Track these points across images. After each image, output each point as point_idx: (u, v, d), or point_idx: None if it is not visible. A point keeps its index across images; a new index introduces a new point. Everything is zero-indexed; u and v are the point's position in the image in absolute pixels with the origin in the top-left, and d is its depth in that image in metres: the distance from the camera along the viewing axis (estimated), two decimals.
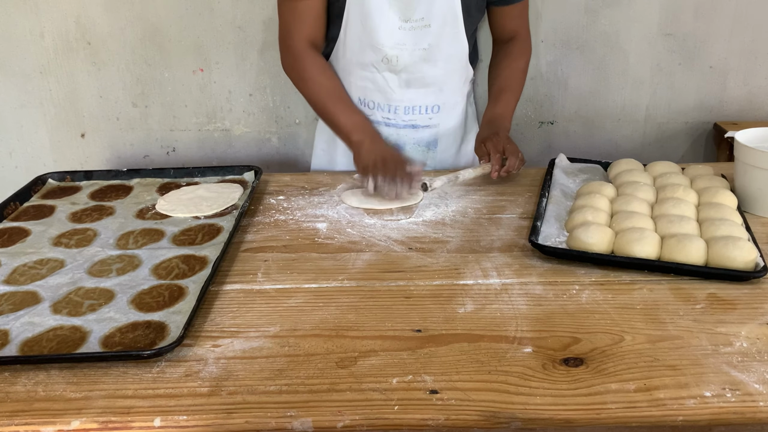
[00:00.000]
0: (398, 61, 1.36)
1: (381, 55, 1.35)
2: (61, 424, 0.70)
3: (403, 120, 1.44)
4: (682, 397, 0.71)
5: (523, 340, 0.81)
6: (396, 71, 1.38)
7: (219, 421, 0.70)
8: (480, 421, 0.69)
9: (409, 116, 1.43)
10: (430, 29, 1.34)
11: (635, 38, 1.76)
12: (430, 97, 1.42)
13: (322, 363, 0.78)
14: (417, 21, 1.32)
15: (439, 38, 1.35)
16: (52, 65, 1.80)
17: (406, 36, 1.34)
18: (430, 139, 1.47)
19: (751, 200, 1.14)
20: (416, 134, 1.46)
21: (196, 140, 1.90)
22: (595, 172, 1.30)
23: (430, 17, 1.33)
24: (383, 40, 1.34)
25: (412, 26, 1.33)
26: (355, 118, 1.35)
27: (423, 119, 1.44)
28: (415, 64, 1.37)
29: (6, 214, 1.18)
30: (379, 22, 1.32)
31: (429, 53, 1.36)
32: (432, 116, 1.44)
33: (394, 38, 1.34)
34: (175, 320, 0.85)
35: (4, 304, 0.90)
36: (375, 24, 1.32)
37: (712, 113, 1.85)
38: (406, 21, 1.32)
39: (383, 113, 1.43)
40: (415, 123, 1.44)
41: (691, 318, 0.85)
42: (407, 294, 0.93)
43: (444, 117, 1.45)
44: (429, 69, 1.38)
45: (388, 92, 1.40)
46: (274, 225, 1.15)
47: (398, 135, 1.45)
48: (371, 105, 1.43)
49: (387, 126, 1.44)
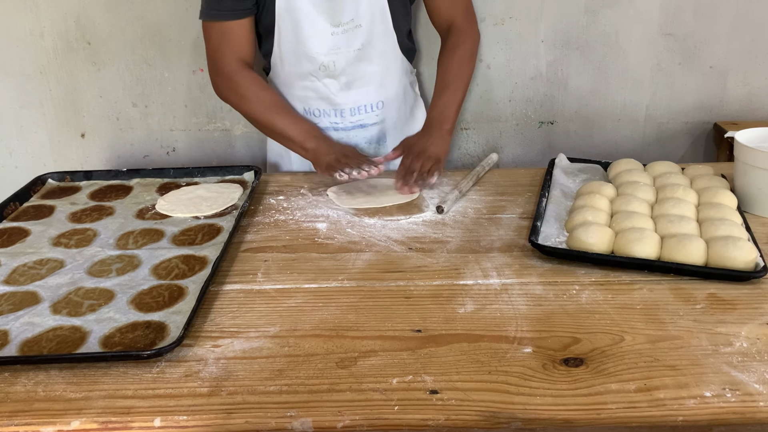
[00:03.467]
0: (335, 66, 1.37)
1: (317, 64, 1.36)
2: (61, 424, 0.70)
3: (350, 122, 1.45)
4: (682, 397, 0.71)
5: (523, 340, 0.81)
6: (335, 76, 1.39)
7: (219, 421, 0.70)
8: (480, 421, 0.69)
9: (355, 117, 1.45)
10: (361, 29, 1.35)
11: (635, 38, 1.76)
12: (372, 95, 1.44)
13: (322, 363, 0.78)
14: (347, 24, 1.34)
15: (371, 36, 1.36)
16: (52, 65, 1.80)
17: (339, 40, 1.35)
18: (379, 134, 1.49)
19: (751, 200, 1.13)
20: (365, 133, 1.47)
21: (196, 140, 1.90)
22: (595, 172, 1.30)
23: (359, 17, 1.34)
24: (317, 48, 1.34)
25: (344, 29, 1.34)
26: (303, 127, 1.35)
27: (370, 117, 1.46)
28: (352, 65, 1.38)
29: (6, 214, 1.18)
30: (311, 32, 1.33)
31: (363, 53, 1.37)
32: (378, 112, 1.46)
33: (328, 44, 1.34)
34: (175, 320, 0.85)
35: (3, 304, 0.90)
36: (307, 34, 1.33)
37: (712, 113, 1.85)
38: (337, 26, 1.33)
39: (330, 119, 1.44)
40: (363, 122, 1.46)
41: (691, 318, 0.85)
42: (407, 294, 0.92)
43: (389, 111, 1.47)
44: (366, 67, 1.40)
45: (331, 98, 1.41)
46: (274, 225, 1.15)
47: (348, 137, 1.47)
48: (317, 113, 1.44)
49: (336, 131, 1.45)
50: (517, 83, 1.83)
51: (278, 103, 1.37)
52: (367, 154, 1.47)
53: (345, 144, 1.40)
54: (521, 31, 1.76)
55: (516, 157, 1.92)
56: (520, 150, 1.91)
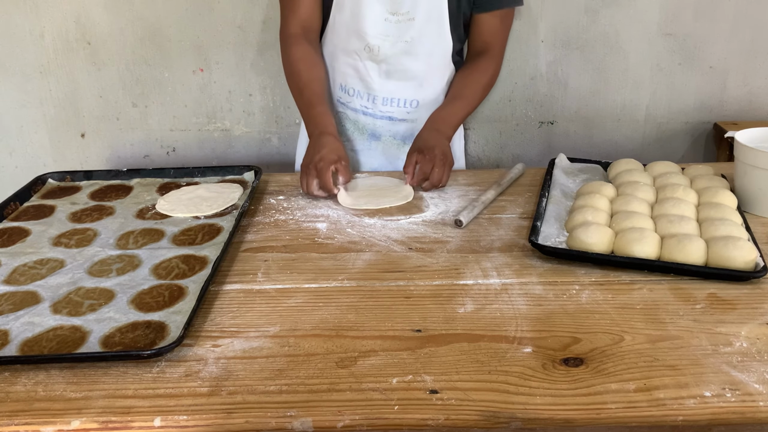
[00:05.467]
0: (380, 51, 1.38)
1: (364, 43, 1.38)
2: (61, 424, 0.70)
3: (381, 111, 1.45)
4: (682, 397, 0.71)
5: (523, 340, 0.82)
6: (377, 61, 1.40)
7: (219, 421, 0.70)
8: (480, 421, 0.69)
9: (387, 107, 1.45)
10: (413, 23, 1.36)
11: (635, 38, 1.76)
12: (409, 91, 1.44)
13: (322, 363, 0.78)
14: (403, 15, 1.36)
15: (422, 33, 1.37)
16: (52, 65, 1.80)
17: (390, 27, 1.36)
18: (406, 133, 1.48)
19: (751, 200, 1.13)
20: (393, 127, 1.47)
21: (196, 140, 1.90)
22: (595, 172, 1.30)
23: (415, 11, 1.35)
24: (368, 29, 1.36)
25: (398, 19, 1.36)
26: (317, 119, 1.33)
27: (401, 112, 1.46)
28: (397, 56, 1.39)
29: (6, 214, 1.18)
30: (367, 12, 1.35)
31: (411, 46, 1.38)
32: (410, 111, 1.46)
33: (378, 28, 1.36)
34: (175, 320, 0.85)
35: (4, 304, 0.90)
36: (363, 13, 1.36)
37: (712, 113, 1.85)
38: (393, 14, 1.36)
39: (362, 101, 1.45)
40: (392, 115, 1.46)
41: (691, 318, 0.85)
42: (407, 294, 0.93)
43: (422, 113, 1.45)
44: (410, 62, 1.40)
45: (368, 81, 1.43)
46: (274, 225, 1.15)
47: (375, 125, 1.47)
48: (351, 92, 1.45)
49: (365, 115, 1.46)
50: (517, 83, 1.83)
51: (313, 86, 1.38)
52: (391, 149, 1.48)
53: (331, 150, 1.26)
54: (521, 31, 1.76)
55: (516, 157, 1.92)
56: (520, 150, 1.92)
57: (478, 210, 1.16)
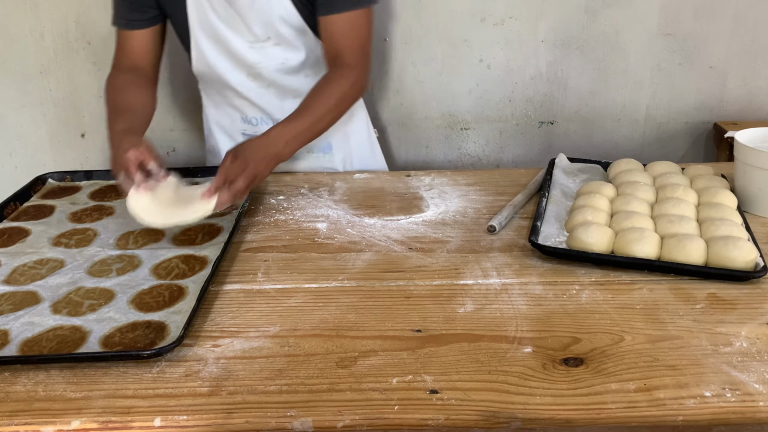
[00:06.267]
0: (262, 77, 1.36)
1: (245, 74, 1.35)
2: (61, 424, 0.70)
3: None
4: (682, 397, 0.71)
5: (523, 340, 0.82)
6: (265, 86, 1.37)
7: (219, 421, 0.70)
8: (480, 421, 0.69)
9: None
10: (279, 46, 1.33)
11: (635, 38, 1.77)
12: None
13: (322, 363, 0.78)
14: (265, 41, 1.32)
15: (287, 51, 1.33)
16: (52, 65, 1.80)
17: (258, 54, 1.33)
18: (324, 144, 1.45)
19: (751, 200, 1.13)
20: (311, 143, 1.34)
21: (196, 140, 1.90)
22: (595, 172, 1.30)
23: (275, 36, 1.31)
24: (238, 60, 1.34)
25: (262, 45, 1.32)
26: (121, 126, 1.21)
27: None
28: (280, 77, 1.36)
29: (6, 214, 1.18)
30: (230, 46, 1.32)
31: (285, 66, 1.35)
32: None
33: (250, 57, 1.33)
34: (175, 320, 0.85)
35: (4, 304, 0.90)
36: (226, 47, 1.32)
37: (712, 113, 1.85)
38: (254, 42, 1.31)
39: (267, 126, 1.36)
40: None
41: (691, 318, 0.85)
42: (407, 294, 0.93)
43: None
44: (294, 80, 1.37)
45: (266, 107, 1.40)
46: (274, 225, 1.15)
47: None
48: (254, 122, 1.43)
49: None
50: (517, 83, 1.83)
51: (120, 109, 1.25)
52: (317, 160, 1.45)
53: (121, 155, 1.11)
54: (521, 31, 1.77)
55: (516, 157, 1.92)
56: (520, 150, 1.92)
57: (508, 213, 1.13)
